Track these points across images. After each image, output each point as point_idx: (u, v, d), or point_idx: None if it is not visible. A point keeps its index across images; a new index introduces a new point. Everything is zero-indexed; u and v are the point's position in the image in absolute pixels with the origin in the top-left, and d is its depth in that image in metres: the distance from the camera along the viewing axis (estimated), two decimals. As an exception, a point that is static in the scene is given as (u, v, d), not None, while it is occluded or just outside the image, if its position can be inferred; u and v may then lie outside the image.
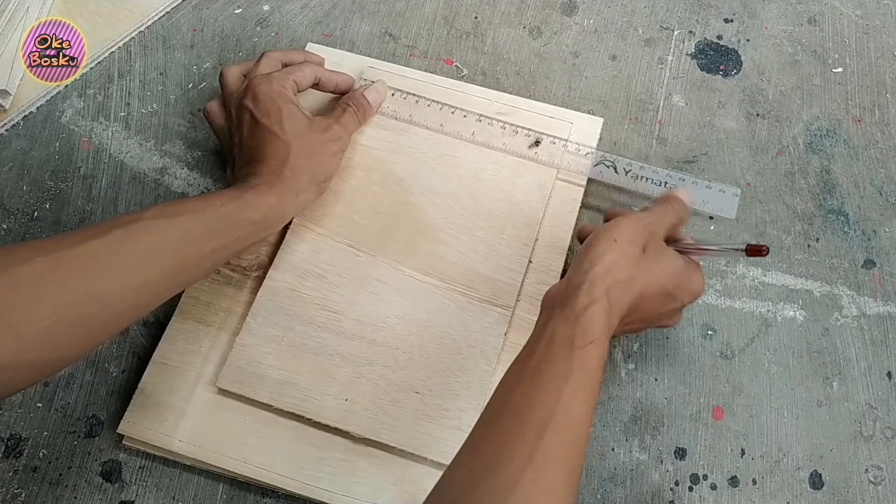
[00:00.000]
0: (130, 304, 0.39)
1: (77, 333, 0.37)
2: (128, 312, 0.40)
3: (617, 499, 0.48)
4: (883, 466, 0.48)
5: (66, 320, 0.36)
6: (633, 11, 0.64)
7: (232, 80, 0.53)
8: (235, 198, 0.45)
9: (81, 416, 0.51)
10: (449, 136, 0.56)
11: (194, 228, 0.42)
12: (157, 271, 0.40)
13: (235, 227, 0.44)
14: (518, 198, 0.54)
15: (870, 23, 0.63)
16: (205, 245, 0.42)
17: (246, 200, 0.45)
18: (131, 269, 0.39)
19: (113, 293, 0.38)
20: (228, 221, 0.44)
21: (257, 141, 0.49)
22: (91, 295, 0.37)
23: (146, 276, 0.40)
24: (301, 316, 0.50)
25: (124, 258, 0.39)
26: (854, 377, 0.51)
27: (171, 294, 0.42)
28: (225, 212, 0.44)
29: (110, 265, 0.38)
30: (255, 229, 0.46)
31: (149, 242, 0.40)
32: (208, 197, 0.44)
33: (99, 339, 0.39)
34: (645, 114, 0.60)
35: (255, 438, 0.48)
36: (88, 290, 0.37)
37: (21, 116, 0.61)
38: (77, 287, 0.36)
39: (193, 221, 0.42)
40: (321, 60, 0.58)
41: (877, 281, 0.54)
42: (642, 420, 0.50)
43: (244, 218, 0.45)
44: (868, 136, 0.59)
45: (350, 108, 0.53)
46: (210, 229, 0.43)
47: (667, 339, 0.52)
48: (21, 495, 0.49)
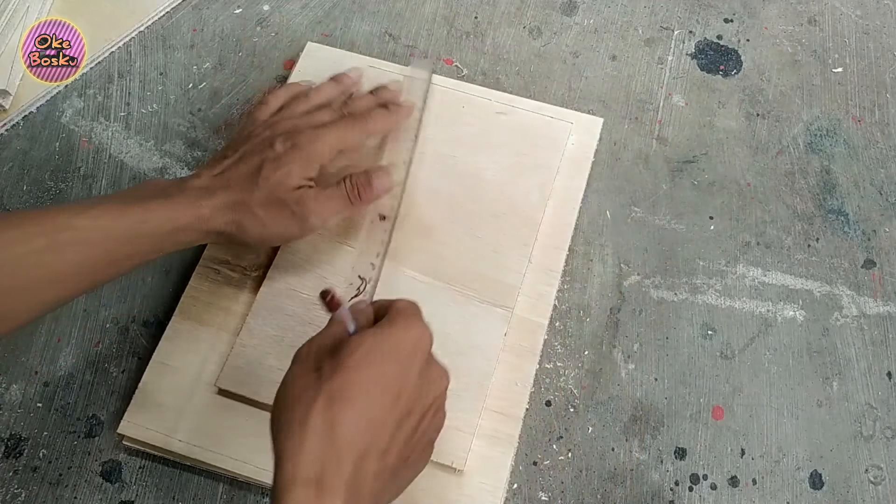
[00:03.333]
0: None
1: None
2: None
3: (617, 499, 0.48)
4: (883, 466, 0.48)
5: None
6: (633, 11, 0.64)
7: (273, 105, 0.51)
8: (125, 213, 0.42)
9: (81, 416, 0.51)
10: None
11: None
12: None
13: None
14: (518, 198, 0.54)
15: (870, 23, 0.63)
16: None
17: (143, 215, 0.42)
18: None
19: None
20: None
21: (241, 173, 0.46)
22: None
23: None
24: (301, 316, 0.50)
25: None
26: (854, 377, 0.51)
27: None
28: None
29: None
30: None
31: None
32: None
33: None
34: (645, 114, 0.60)
35: (255, 438, 0.48)
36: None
37: (21, 116, 0.61)
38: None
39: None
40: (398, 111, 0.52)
41: (877, 281, 0.54)
42: (642, 420, 0.50)
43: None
44: (868, 136, 0.59)
45: (343, 188, 0.47)
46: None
47: (667, 339, 0.52)
48: (21, 495, 0.49)
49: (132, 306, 0.54)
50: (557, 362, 0.51)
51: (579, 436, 0.50)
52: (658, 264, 0.54)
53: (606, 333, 0.52)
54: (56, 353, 0.53)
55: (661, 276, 0.54)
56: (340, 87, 0.53)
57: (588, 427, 0.50)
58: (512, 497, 0.48)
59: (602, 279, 0.54)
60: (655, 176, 0.57)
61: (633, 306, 0.53)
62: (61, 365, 0.52)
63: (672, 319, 0.53)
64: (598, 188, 0.57)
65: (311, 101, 0.51)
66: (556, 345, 0.52)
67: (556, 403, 0.50)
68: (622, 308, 0.53)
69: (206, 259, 0.53)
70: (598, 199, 0.57)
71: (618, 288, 0.54)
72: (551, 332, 0.52)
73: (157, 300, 0.54)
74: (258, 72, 0.63)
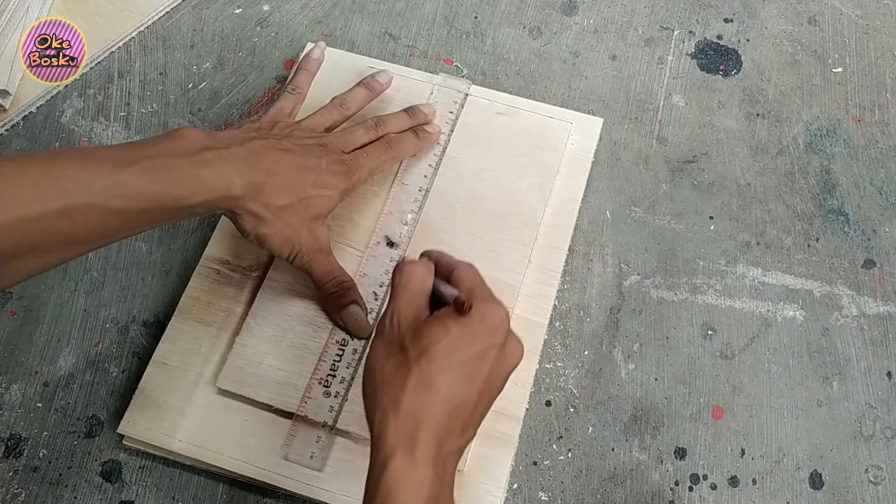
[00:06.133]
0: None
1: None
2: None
3: (617, 499, 0.48)
4: (883, 466, 0.48)
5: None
6: (633, 11, 0.64)
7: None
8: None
9: (81, 416, 0.51)
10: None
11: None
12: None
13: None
14: (518, 198, 0.54)
15: (870, 23, 0.63)
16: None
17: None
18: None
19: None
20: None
21: (283, 167, 0.45)
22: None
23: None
24: (301, 316, 0.50)
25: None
26: (854, 377, 0.51)
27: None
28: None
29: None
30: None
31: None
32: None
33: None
34: (645, 114, 0.60)
35: (255, 438, 0.48)
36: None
37: (21, 116, 0.61)
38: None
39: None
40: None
41: (877, 281, 0.54)
42: (642, 420, 0.50)
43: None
44: (868, 136, 0.59)
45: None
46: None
47: (667, 339, 0.52)
48: (21, 495, 0.49)
49: (132, 306, 0.54)
50: (557, 362, 0.51)
51: (579, 436, 0.50)
52: (658, 264, 0.54)
53: (606, 333, 0.52)
54: (56, 353, 0.53)
55: (661, 276, 0.54)
56: (373, 94, 0.54)
57: (588, 427, 0.50)
58: (512, 497, 0.48)
59: (602, 279, 0.54)
60: (655, 176, 0.57)
61: (633, 306, 0.53)
62: (61, 365, 0.52)
63: (672, 319, 0.53)
64: (598, 188, 0.57)
65: (346, 112, 0.52)
66: (556, 345, 0.52)
67: (556, 403, 0.50)
68: (622, 308, 0.53)
69: (206, 259, 0.53)
70: (598, 199, 0.57)
71: (618, 288, 0.54)
72: (551, 332, 0.52)
73: (157, 300, 0.54)
74: (258, 72, 0.63)
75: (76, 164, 0.38)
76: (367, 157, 0.49)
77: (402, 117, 0.53)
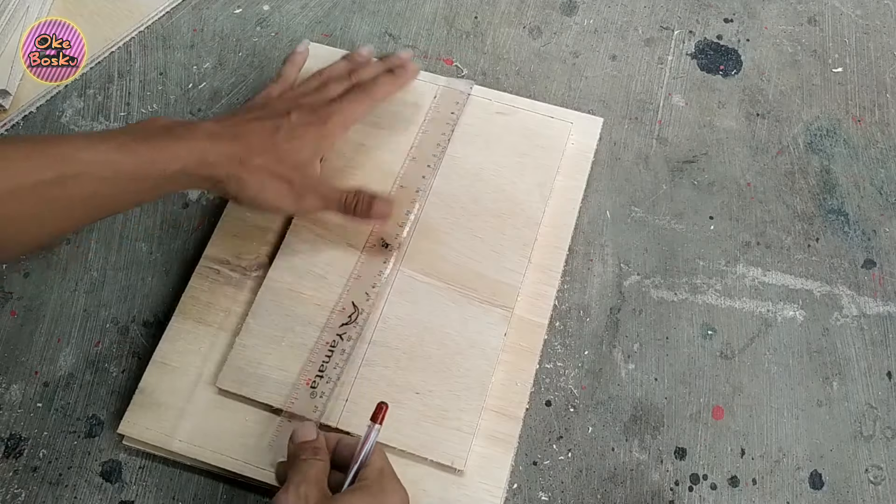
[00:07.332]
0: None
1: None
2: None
3: (617, 499, 0.48)
4: (883, 466, 0.48)
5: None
6: (633, 11, 0.64)
7: (288, 79, 0.52)
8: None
9: (81, 416, 0.51)
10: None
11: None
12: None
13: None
14: (518, 198, 0.54)
15: (870, 23, 0.63)
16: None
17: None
18: None
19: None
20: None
21: (253, 129, 0.47)
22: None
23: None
24: (301, 316, 0.50)
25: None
26: (854, 377, 0.51)
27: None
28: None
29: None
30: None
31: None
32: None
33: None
34: (645, 114, 0.60)
35: (255, 438, 0.48)
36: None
37: (21, 116, 0.61)
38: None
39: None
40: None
41: (877, 281, 0.54)
42: (642, 420, 0.50)
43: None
44: (868, 136, 0.59)
45: (344, 195, 0.49)
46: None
47: (667, 339, 0.52)
48: (21, 495, 0.49)
49: (132, 306, 0.54)
50: (557, 362, 0.52)
51: (579, 436, 0.50)
52: (658, 264, 0.54)
53: (606, 333, 0.52)
54: (56, 353, 0.53)
55: (661, 276, 0.54)
56: (352, 64, 0.54)
57: (588, 427, 0.50)
58: (512, 497, 0.48)
59: (602, 279, 0.54)
60: (655, 176, 0.57)
61: (633, 306, 0.53)
62: (61, 365, 0.52)
63: (672, 319, 0.53)
64: (598, 188, 0.57)
65: (324, 77, 0.52)
66: (556, 345, 0.52)
67: (556, 403, 0.50)
68: (622, 308, 0.53)
69: (206, 259, 0.53)
70: (598, 199, 0.57)
71: (618, 288, 0.54)
72: (551, 332, 0.52)
73: (157, 300, 0.54)
74: (258, 72, 0.63)
75: (63, 140, 0.42)
76: (340, 103, 0.50)
77: (376, 65, 0.53)
